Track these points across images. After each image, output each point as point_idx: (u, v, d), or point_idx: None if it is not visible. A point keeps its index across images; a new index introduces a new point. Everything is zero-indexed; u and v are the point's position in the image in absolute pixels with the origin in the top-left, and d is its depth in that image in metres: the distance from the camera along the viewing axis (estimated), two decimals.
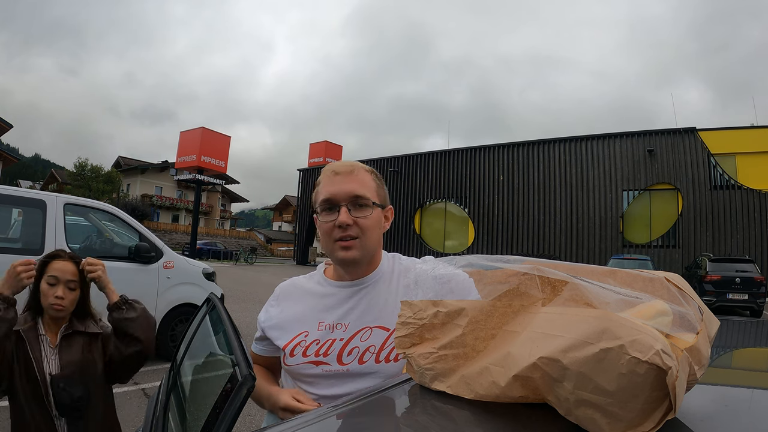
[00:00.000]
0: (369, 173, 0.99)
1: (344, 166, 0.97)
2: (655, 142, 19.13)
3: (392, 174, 25.64)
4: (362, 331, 0.94)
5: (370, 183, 0.96)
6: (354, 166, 0.97)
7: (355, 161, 1.01)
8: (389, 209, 1.01)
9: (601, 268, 0.64)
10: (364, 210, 0.93)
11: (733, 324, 1.42)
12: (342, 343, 0.93)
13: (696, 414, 0.52)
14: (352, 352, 0.93)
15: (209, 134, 23.21)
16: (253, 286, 13.28)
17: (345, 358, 0.92)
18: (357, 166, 0.98)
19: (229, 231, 50.19)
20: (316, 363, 0.92)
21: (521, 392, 0.53)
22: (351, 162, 0.99)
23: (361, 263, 0.96)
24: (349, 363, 0.92)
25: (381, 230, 0.98)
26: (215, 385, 0.90)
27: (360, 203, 0.93)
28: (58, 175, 45.28)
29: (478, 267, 0.71)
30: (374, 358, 0.92)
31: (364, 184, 0.95)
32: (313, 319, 0.97)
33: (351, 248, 0.92)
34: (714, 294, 9.94)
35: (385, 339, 0.92)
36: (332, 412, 0.63)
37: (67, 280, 1.53)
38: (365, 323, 0.94)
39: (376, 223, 0.95)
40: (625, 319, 0.47)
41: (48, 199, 4.09)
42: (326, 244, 0.96)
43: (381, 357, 0.92)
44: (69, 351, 1.53)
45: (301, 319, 0.98)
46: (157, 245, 4.76)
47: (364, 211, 0.93)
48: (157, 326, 4.67)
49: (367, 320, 0.94)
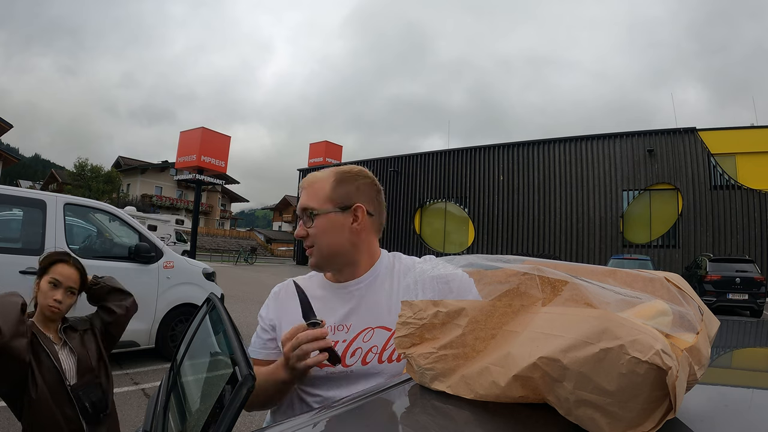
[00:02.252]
0: (328, 179, 1.00)
1: (307, 179, 1.02)
2: (655, 142, 19.12)
3: (392, 174, 25.63)
4: (364, 331, 0.95)
5: (322, 191, 0.98)
6: (315, 178, 1.01)
7: (327, 169, 1.03)
8: (355, 207, 0.99)
9: (601, 268, 0.64)
10: (311, 220, 0.97)
11: (733, 324, 1.42)
12: (345, 345, 0.94)
13: (696, 414, 0.52)
14: (355, 353, 0.94)
15: (209, 134, 23.20)
16: (253, 286, 13.28)
17: (348, 360, 0.93)
18: (318, 176, 1.01)
19: (229, 231, 50.19)
20: (320, 366, 0.92)
21: (521, 392, 0.53)
22: (317, 173, 1.02)
23: (324, 267, 1.01)
24: (352, 364, 0.93)
25: (339, 233, 0.98)
26: (215, 385, 0.90)
27: (309, 214, 0.98)
28: (58, 175, 45.28)
29: (478, 267, 0.71)
30: (377, 358, 0.93)
31: (316, 195, 0.98)
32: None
33: (311, 255, 0.98)
34: (714, 294, 9.94)
35: (387, 339, 0.94)
36: (332, 412, 0.63)
37: (68, 286, 1.55)
38: (367, 324, 0.96)
39: (326, 229, 0.97)
40: (625, 319, 0.47)
41: (48, 199, 4.09)
42: None
43: (384, 357, 0.93)
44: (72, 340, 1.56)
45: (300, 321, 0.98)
46: (157, 245, 4.76)
47: (312, 221, 0.97)
48: (158, 326, 4.70)
49: (368, 321, 0.96)
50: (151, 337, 4.64)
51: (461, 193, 23.74)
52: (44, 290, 1.53)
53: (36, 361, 1.44)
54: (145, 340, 4.61)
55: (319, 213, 0.97)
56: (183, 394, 1.31)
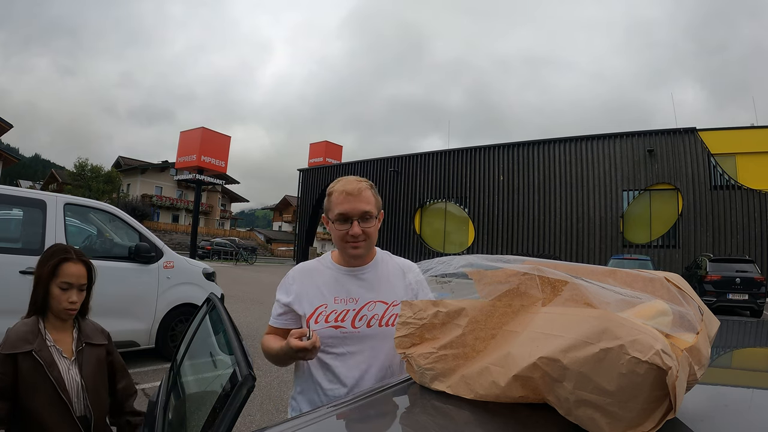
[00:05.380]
0: (370, 189, 1.28)
1: (353, 186, 1.26)
2: (655, 142, 19.12)
3: (392, 174, 25.63)
4: (368, 303, 1.25)
5: (371, 199, 1.27)
6: (361, 187, 1.26)
7: (360, 179, 1.29)
8: (381, 213, 1.33)
9: (601, 268, 0.64)
10: (369, 222, 1.26)
11: (733, 324, 1.42)
12: (354, 312, 1.24)
13: (696, 414, 0.52)
14: (362, 319, 1.24)
15: (209, 134, 23.20)
16: (253, 286, 13.27)
17: (357, 323, 1.23)
18: (362, 186, 1.27)
19: (229, 231, 50.20)
20: (336, 327, 1.23)
21: (521, 392, 0.53)
22: (357, 182, 1.27)
23: (364, 256, 1.30)
24: (359, 327, 1.23)
25: (377, 232, 1.30)
26: (215, 385, 0.90)
27: (366, 217, 1.25)
28: (58, 175, 45.28)
29: (478, 267, 0.71)
30: (378, 323, 1.24)
31: (369, 202, 1.26)
32: (329, 295, 1.26)
33: (359, 248, 1.26)
34: (714, 294, 9.93)
35: (385, 310, 1.25)
36: (332, 412, 0.63)
37: (79, 284, 1.50)
38: (370, 298, 1.26)
39: (376, 228, 1.29)
40: (625, 319, 0.47)
41: (48, 199, 4.09)
42: (339, 244, 1.28)
43: (383, 323, 1.24)
44: (86, 365, 1.50)
45: (318, 295, 1.27)
46: (157, 245, 4.76)
47: (370, 223, 1.26)
48: (158, 326, 4.69)
49: (371, 296, 1.26)
50: (151, 337, 4.64)
51: (461, 193, 23.74)
52: (56, 295, 1.46)
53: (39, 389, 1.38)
54: (145, 340, 4.61)
55: (373, 216, 1.26)
56: (183, 394, 1.31)
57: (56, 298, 1.47)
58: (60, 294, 1.47)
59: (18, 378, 1.38)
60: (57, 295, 1.46)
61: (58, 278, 1.47)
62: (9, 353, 1.38)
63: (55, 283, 1.47)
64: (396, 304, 1.26)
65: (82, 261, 1.53)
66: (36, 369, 1.39)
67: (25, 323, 1.48)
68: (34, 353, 1.40)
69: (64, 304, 1.46)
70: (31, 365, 1.39)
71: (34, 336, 1.44)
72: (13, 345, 1.40)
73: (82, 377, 1.47)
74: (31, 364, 1.39)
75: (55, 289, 1.47)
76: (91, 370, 1.51)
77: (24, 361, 1.39)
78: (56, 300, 1.47)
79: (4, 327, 1.50)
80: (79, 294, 1.50)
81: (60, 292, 1.47)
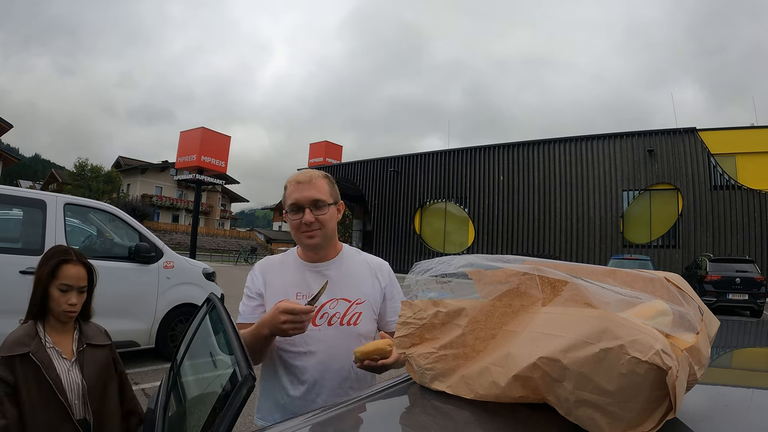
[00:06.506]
0: (323, 178, 1.26)
1: (304, 176, 1.24)
2: (655, 142, 19.11)
3: (392, 174, 25.61)
4: (330, 301, 1.22)
5: (324, 188, 1.24)
6: (312, 176, 1.24)
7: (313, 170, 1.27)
8: (341, 204, 1.31)
9: (601, 268, 0.64)
10: (322, 210, 1.22)
11: (733, 324, 1.42)
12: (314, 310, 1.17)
13: (696, 414, 0.52)
14: (323, 317, 1.21)
15: (209, 134, 23.19)
16: None
17: (317, 321, 1.20)
18: (314, 174, 1.25)
19: (229, 231, 50.18)
20: None
21: (521, 392, 0.53)
22: (309, 172, 1.26)
23: (322, 246, 1.26)
24: (320, 325, 1.21)
25: (336, 221, 1.28)
26: (215, 385, 0.90)
27: (319, 205, 1.22)
28: (58, 175, 45.26)
29: (478, 267, 0.71)
30: (339, 321, 1.22)
31: (321, 190, 1.23)
32: (292, 291, 1.24)
33: (314, 237, 1.22)
34: (714, 294, 9.93)
35: (347, 308, 1.23)
36: (332, 411, 0.63)
37: (79, 286, 1.48)
38: (332, 296, 1.22)
39: (331, 217, 1.25)
40: (625, 319, 0.47)
41: (48, 199, 4.09)
42: (295, 235, 1.25)
43: (344, 321, 1.22)
44: (87, 365, 1.49)
45: (281, 290, 1.24)
46: (157, 245, 4.75)
47: (323, 210, 1.22)
48: (158, 326, 4.70)
49: (333, 293, 1.22)
50: (151, 337, 4.64)
51: (461, 193, 23.73)
52: (56, 297, 1.45)
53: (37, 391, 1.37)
54: (145, 340, 4.61)
55: (326, 204, 1.22)
56: (183, 394, 1.31)
57: (56, 300, 1.45)
58: (59, 296, 1.45)
59: (17, 381, 1.37)
60: (56, 297, 1.45)
61: (57, 280, 1.46)
62: (6, 356, 1.38)
63: (55, 285, 1.46)
64: (360, 302, 1.24)
65: (82, 263, 1.52)
66: (34, 371, 1.38)
67: (23, 327, 1.47)
68: (31, 355, 1.39)
69: (63, 306, 1.46)
70: (28, 367, 1.38)
71: (31, 339, 1.43)
72: (10, 349, 1.39)
73: (84, 378, 1.46)
74: (29, 366, 1.39)
75: (55, 291, 1.45)
76: (93, 371, 1.49)
77: (22, 364, 1.38)
78: (56, 302, 1.46)
79: (4, 327, 1.49)
80: (79, 296, 1.49)
81: (59, 293, 1.45)
